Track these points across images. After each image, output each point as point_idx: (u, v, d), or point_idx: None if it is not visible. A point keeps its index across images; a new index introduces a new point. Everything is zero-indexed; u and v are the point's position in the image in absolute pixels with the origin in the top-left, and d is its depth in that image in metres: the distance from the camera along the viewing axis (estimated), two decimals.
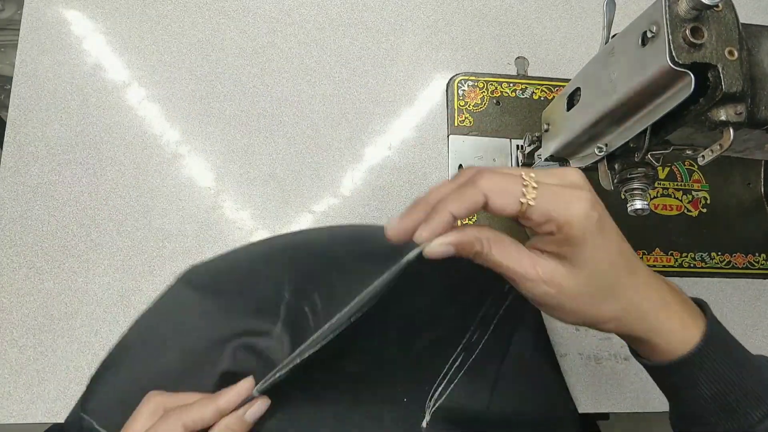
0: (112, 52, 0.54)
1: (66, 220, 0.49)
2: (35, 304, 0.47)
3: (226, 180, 0.52)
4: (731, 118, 0.32)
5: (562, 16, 0.62)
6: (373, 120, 0.56)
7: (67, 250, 0.48)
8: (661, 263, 0.55)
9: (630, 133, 0.38)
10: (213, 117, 0.53)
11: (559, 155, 0.47)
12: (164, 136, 0.52)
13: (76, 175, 0.50)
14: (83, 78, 0.52)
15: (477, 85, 0.58)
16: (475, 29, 0.60)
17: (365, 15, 0.58)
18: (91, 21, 0.54)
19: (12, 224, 0.48)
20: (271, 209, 0.52)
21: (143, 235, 0.49)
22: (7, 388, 0.44)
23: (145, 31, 0.55)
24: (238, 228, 0.51)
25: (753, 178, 0.60)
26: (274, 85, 0.55)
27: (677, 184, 0.58)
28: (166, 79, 0.54)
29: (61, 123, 0.51)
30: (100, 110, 0.52)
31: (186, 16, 0.56)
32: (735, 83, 0.32)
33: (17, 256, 0.47)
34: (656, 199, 0.57)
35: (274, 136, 0.54)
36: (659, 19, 0.32)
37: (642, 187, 0.41)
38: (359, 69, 0.57)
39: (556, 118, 0.46)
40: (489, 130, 0.57)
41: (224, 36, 0.56)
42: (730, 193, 0.59)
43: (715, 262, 0.56)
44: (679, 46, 0.31)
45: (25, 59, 0.52)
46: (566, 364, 0.51)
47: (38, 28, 0.53)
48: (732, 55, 0.32)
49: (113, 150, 0.51)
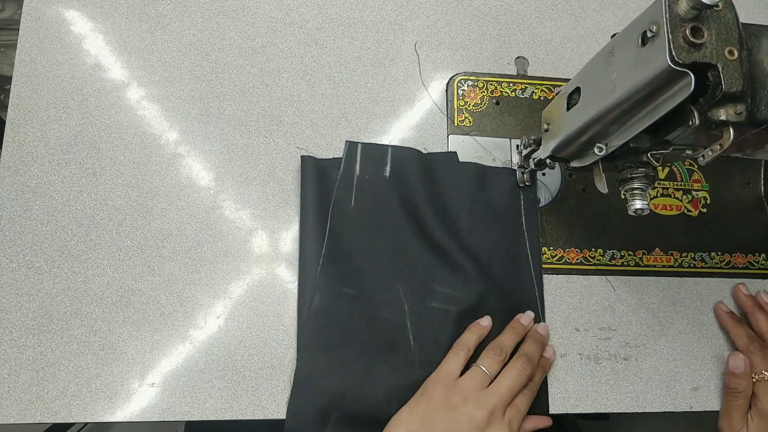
0: (111, 52, 0.54)
1: (65, 220, 0.49)
2: (35, 304, 0.47)
3: (226, 180, 0.52)
4: (731, 118, 0.32)
5: (562, 16, 0.62)
6: (373, 120, 0.56)
7: (66, 250, 0.48)
8: (661, 263, 0.55)
9: (630, 133, 0.38)
10: (213, 117, 0.53)
11: (559, 155, 0.47)
12: (164, 136, 0.52)
13: (75, 175, 0.50)
14: (82, 78, 0.52)
15: (477, 85, 0.58)
16: (475, 29, 0.60)
17: (365, 15, 0.58)
18: (90, 21, 0.54)
19: (11, 224, 0.48)
20: (271, 209, 0.52)
21: (143, 235, 0.49)
22: (6, 388, 0.44)
23: (145, 30, 0.55)
24: (237, 228, 0.51)
25: (753, 178, 0.60)
26: (274, 85, 0.55)
27: (677, 184, 0.58)
28: (165, 79, 0.54)
29: (61, 123, 0.51)
30: (100, 110, 0.52)
31: (185, 16, 0.56)
32: (735, 83, 0.32)
33: (17, 256, 0.47)
34: (656, 199, 0.57)
35: (274, 136, 0.54)
36: (659, 18, 0.32)
37: (642, 187, 0.41)
38: (359, 69, 0.57)
39: (555, 118, 0.46)
40: (489, 130, 0.57)
41: (224, 36, 0.56)
42: (730, 193, 0.59)
43: (715, 262, 0.56)
44: (679, 46, 0.31)
45: (25, 59, 0.52)
46: (566, 364, 0.51)
47: (38, 27, 0.53)
48: (732, 55, 0.32)
49: (113, 150, 0.51)
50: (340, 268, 0.49)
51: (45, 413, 0.44)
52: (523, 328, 0.49)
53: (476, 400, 0.44)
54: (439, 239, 0.51)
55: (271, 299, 0.49)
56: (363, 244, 0.50)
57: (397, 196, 0.52)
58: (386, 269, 0.50)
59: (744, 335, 0.51)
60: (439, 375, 0.46)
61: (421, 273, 0.50)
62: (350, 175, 0.52)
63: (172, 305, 0.48)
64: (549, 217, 0.55)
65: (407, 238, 0.51)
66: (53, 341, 0.46)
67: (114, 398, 0.45)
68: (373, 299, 0.49)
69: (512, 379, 0.45)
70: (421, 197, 0.52)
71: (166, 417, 0.45)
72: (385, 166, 0.53)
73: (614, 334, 0.53)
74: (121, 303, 0.47)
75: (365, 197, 0.52)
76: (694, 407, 0.52)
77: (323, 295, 0.48)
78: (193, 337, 0.47)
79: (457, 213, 0.53)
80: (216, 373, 0.47)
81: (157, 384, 0.46)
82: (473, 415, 0.43)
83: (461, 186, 0.54)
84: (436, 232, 0.51)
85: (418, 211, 0.52)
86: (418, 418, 0.44)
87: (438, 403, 0.44)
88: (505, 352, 0.47)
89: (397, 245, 0.51)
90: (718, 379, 0.53)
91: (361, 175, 0.52)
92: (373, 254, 0.50)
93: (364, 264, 0.50)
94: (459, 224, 0.53)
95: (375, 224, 0.51)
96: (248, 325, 0.48)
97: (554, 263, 0.54)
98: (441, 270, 0.50)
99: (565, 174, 0.56)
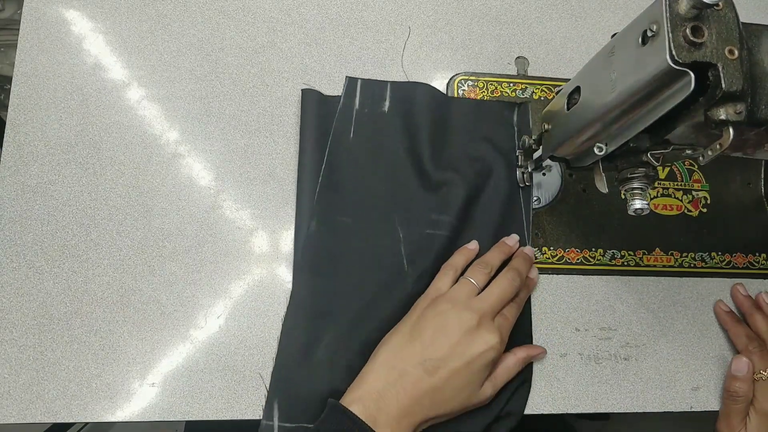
0: (111, 52, 0.54)
1: (66, 219, 0.49)
2: (35, 304, 0.47)
3: (226, 180, 0.52)
4: (731, 117, 0.32)
5: (562, 16, 0.62)
6: None
7: (66, 249, 0.48)
8: (661, 263, 0.55)
9: (630, 132, 0.38)
10: (213, 117, 0.53)
11: (559, 155, 0.47)
12: (164, 136, 0.52)
13: (75, 174, 0.50)
14: (83, 77, 0.52)
15: (477, 85, 0.58)
16: (475, 29, 0.60)
17: (365, 15, 0.58)
18: (90, 20, 0.54)
19: (12, 224, 0.48)
20: (271, 209, 0.52)
21: (143, 235, 0.49)
22: (6, 388, 0.44)
23: (145, 30, 0.55)
24: (237, 228, 0.51)
25: (753, 178, 0.60)
26: (274, 85, 0.55)
27: (677, 184, 0.58)
28: (165, 79, 0.54)
29: (61, 123, 0.51)
30: (100, 110, 0.52)
31: (186, 16, 0.56)
32: (735, 82, 0.32)
33: (17, 256, 0.47)
34: (656, 199, 0.57)
35: (274, 136, 0.54)
36: (659, 18, 0.32)
37: (642, 186, 0.41)
38: (359, 69, 0.57)
39: (555, 118, 0.46)
40: None
41: (224, 35, 0.56)
42: (730, 193, 0.59)
43: (715, 262, 0.56)
44: (680, 45, 0.31)
45: (25, 59, 0.52)
46: (566, 364, 0.51)
47: (38, 27, 0.53)
48: (732, 54, 0.32)
49: (113, 150, 0.51)
50: (336, 197, 0.51)
51: (45, 413, 0.44)
52: (509, 248, 0.51)
53: (465, 305, 0.45)
54: (434, 170, 0.53)
55: (272, 299, 0.49)
56: (360, 176, 0.52)
57: (395, 130, 0.54)
58: (382, 199, 0.52)
59: (743, 335, 0.52)
60: (428, 293, 0.47)
61: (416, 203, 0.52)
62: (349, 108, 0.54)
63: (173, 305, 0.48)
64: (549, 217, 0.55)
65: (404, 169, 0.53)
66: (53, 341, 0.46)
67: (114, 398, 0.45)
68: (368, 228, 0.51)
69: (501, 289, 0.46)
70: (418, 130, 0.54)
71: (166, 417, 0.45)
72: (383, 101, 0.55)
73: (614, 334, 0.53)
74: (121, 303, 0.47)
75: (364, 130, 0.54)
76: (694, 407, 0.52)
77: (320, 220, 0.50)
78: (194, 336, 0.47)
79: (453, 145, 0.54)
80: (216, 373, 0.47)
81: (158, 384, 0.46)
82: (462, 317, 0.44)
83: (458, 119, 0.55)
84: (432, 164, 0.53)
85: (416, 143, 0.54)
86: (408, 330, 0.45)
87: (427, 313, 0.45)
88: (491, 267, 0.48)
89: (393, 177, 0.53)
90: (718, 379, 0.53)
91: (360, 109, 0.54)
92: (369, 185, 0.52)
93: (360, 194, 0.52)
94: (454, 156, 0.54)
95: (372, 156, 0.53)
96: (248, 325, 0.48)
97: (554, 263, 0.54)
98: (435, 199, 0.52)
99: (565, 174, 0.56)
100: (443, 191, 0.52)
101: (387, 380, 0.42)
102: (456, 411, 0.44)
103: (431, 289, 0.48)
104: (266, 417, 0.45)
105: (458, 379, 0.42)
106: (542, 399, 0.50)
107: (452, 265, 0.49)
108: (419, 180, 0.52)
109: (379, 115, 0.54)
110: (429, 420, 0.43)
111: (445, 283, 0.47)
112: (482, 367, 0.43)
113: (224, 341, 0.48)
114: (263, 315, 0.49)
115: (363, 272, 0.49)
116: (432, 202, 0.51)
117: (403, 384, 0.41)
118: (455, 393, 0.42)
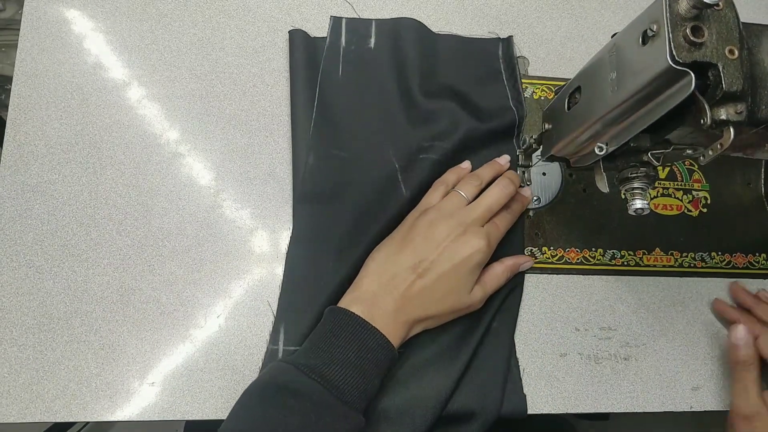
0: (112, 51, 0.54)
1: (65, 219, 0.49)
2: (35, 304, 0.47)
3: (226, 179, 0.52)
4: (731, 117, 0.32)
5: (562, 16, 0.62)
6: None
7: (66, 249, 0.48)
8: (661, 263, 0.55)
9: (630, 132, 0.38)
10: (213, 116, 0.53)
11: (559, 155, 0.47)
12: (164, 135, 0.52)
13: (75, 174, 0.50)
14: (83, 77, 0.52)
15: None
16: (475, 29, 0.60)
17: (365, 15, 0.58)
18: (91, 20, 0.54)
19: (12, 223, 0.48)
20: (271, 208, 0.52)
21: (143, 234, 0.49)
22: (6, 387, 0.44)
23: (145, 30, 0.55)
24: (237, 227, 0.51)
25: (753, 178, 0.60)
26: (274, 85, 0.55)
27: (677, 184, 0.58)
28: (166, 78, 0.54)
29: (61, 122, 0.51)
30: (100, 109, 0.52)
31: (186, 15, 0.56)
32: (735, 82, 0.32)
33: (17, 255, 0.47)
34: (656, 199, 0.57)
35: (274, 135, 0.54)
36: (660, 18, 0.32)
37: (642, 186, 0.41)
38: None
39: (556, 118, 0.46)
40: None
41: (224, 35, 0.56)
42: (731, 193, 0.59)
43: (715, 262, 0.56)
44: (680, 45, 0.31)
45: (26, 59, 0.52)
46: (566, 364, 0.51)
47: (38, 27, 0.53)
48: (732, 54, 0.32)
49: (113, 149, 0.51)
50: (330, 132, 0.52)
51: (45, 412, 0.44)
52: (500, 167, 0.52)
53: (455, 215, 0.46)
54: (424, 101, 0.54)
55: (272, 299, 0.49)
56: (352, 111, 0.53)
57: (382, 65, 0.55)
58: (375, 132, 0.53)
59: (756, 321, 0.52)
60: (419, 206, 0.49)
61: (408, 133, 0.53)
62: (336, 47, 0.55)
63: (173, 304, 0.48)
64: (549, 217, 0.55)
65: (394, 102, 0.54)
66: (53, 340, 0.46)
67: (114, 397, 0.45)
68: (364, 160, 0.52)
69: (493, 198, 0.48)
70: (405, 64, 0.55)
71: (166, 416, 0.45)
72: (369, 38, 0.56)
73: (614, 334, 0.53)
74: (121, 302, 0.47)
75: (352, 67, 0.55)
76: (694, 407, 0.52)
77: (317, 154, 0.51)
78: (194, 336, 0.47)
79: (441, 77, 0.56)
80: (216, 373, 0.47)
81: (157, 383, 0.46)
82: (450, 224, 0.45)
83: (445, 54, 0.57)
84: (421, 95, 0.54)
85: (404, 76, 0.55)
86: (399, 239, 0.47)
87: (417, 223, 0.46)
88: (481, 181, 0.50)
89: (384, 110, 0.54)
90: (718, 379, 0.53)
91: (347, 47, 0.55)
92: (361, 120, 0.53)
93: (353, 129, 0.53)
94: (443, 87, 0.55)
95: (362, 91, 0.54)
96: (248, 325, 0.48)
97: (554, 263, 0.54)
98: (427, 128, 0.53)
99: (565, 174, 0.56)
100: (434, 120, 0.53)
101: (380, 282, 0.44)
102: (447, 312, 0.46)
103: (422, 202, 0.49)
104: (272, 342, 0.47)
105: (447, 281, 0.44)
106: (542, 399, 0.50)
107: (443, 180, 0.50)
108: (410, 111, 0.54)
109: (366, 51, 0.55)
110: (421, 320, 0.45)
111: (436, 197, 0.49)
112: (470, 270, 0.45)
113: (224, 341, 0.48)
114: (263, 315, 0.49)
115: (362, 199, 0.50)
116: (424, 131, 0.53)
117: (395, 284, 0.44)
118: (444, 294, 0.45)
